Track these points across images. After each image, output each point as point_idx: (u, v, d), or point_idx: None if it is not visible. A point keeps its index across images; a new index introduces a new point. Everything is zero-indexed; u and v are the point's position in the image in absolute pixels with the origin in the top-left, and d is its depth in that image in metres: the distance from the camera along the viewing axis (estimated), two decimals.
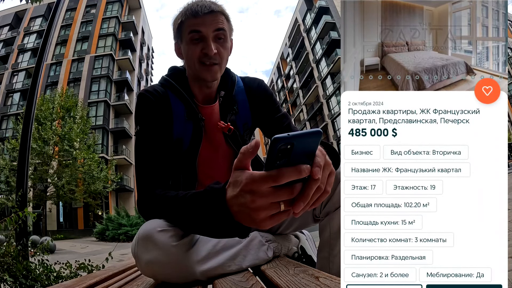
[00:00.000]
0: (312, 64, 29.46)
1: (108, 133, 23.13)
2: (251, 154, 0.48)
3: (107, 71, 24.23)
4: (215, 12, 0.90)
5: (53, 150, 17.10)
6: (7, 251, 2.13)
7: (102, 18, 26.15)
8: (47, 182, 17.11)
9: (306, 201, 0.47)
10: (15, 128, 18.18)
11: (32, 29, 25.88)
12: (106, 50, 25.01)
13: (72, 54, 25.02)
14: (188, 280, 0.77)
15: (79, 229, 20.23)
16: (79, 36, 25.60)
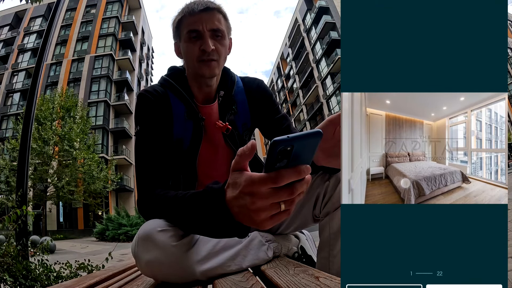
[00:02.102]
0: (312, 64, 29.47)
1: (108, 133, 23.13)
2: (247, 156, 0.48)
3: (107, 71, 24.24)
4: (211, 9, 0.92)
5: (53, 150, 17.09)
6: (7, 251, 2.13)
7: (102, 18, 26.15)
8: (47, 182, 17.11)
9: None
10: (15, 128, 18.17)
11: (32, 29, 25.89)
12: (106, 50, 25.01)
13: (72, 54, 25.02)
14: (188, 280, 0.76)
15: (79, 229, 20.23)
16: (79, 36, 25.60)
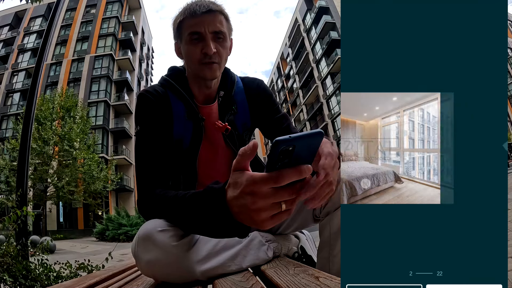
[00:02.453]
0: (312, 64, 29.45)
1: (108, 133, 23.12)
2: (249, 156, 0.48)
3: (107, 71, 24.23)
4: (213, 11, 0.90)
5: (53, 150, 17.09)
6: (6, 251, 2.13)
7: (102, 18, 26.14)
8: (47, 182, 17.10)
9: (314, 192, 0.48)
10: (15, 128, 18.16)
11: (32, 29, 25.88)
12: (106, 50, 25.00)
13: (72, 54, 25.02)
14: (188, 280, 0.76)
15: (79, 229, 20.22)
16: (79, 36, 25.59)
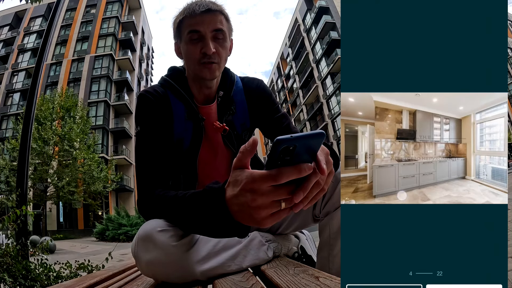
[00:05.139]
0: (312, 64, 29.46)
1: (108, 133, 23.13)
2: (250, 153, 0.48)
3: (107, 71, 24.23)
4: (213, 11, 0.90)
5: (53, 150, 17.09)
6: (6, 251, 2.13)
7: (102, 18, 26.15)
8: (47, 182, 17.10)
9: (306, 192, 0.47)
10: (15, 128, 18.18)
11: (32, 29, 25.88)
12: (106, 50, 25.01)
13: (72, 54, 25.02)
14: (188, 280, 0.76)
15: (79, 229, 20.23)
16: (79, 36, 25.60)
